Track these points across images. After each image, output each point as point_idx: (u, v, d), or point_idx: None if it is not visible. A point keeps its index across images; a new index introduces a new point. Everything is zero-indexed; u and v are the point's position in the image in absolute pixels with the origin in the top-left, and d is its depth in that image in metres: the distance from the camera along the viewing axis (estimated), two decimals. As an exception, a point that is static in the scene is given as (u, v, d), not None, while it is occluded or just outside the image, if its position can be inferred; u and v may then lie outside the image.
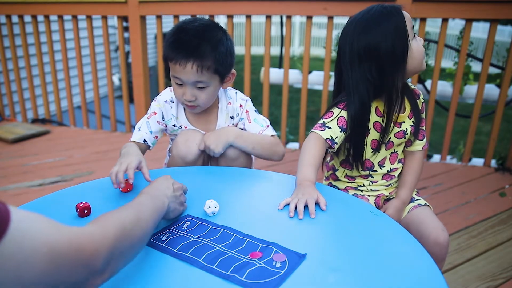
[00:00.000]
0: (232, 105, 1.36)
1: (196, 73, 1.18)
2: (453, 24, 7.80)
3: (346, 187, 1.31)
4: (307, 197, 0.94)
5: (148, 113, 1.35)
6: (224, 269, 0.72)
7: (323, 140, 1.13)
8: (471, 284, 1.53)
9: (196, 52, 1.17)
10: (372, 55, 1.12)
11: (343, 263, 0.75)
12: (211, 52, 1.18)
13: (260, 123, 1.36)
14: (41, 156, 2.80)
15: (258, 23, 9.59)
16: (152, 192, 0.84)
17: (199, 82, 1.21)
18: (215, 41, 1.20)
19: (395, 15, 1.12)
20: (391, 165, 1.28)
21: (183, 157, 1.27)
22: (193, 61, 1.17)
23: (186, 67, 1.18)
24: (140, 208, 0.74)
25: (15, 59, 3.46)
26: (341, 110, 1.17)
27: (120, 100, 3.91)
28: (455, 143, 3.76)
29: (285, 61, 2.86)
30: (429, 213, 1.22)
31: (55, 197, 1.02)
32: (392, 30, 1.10)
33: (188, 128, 1.35)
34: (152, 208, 0.78)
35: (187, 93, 1.23)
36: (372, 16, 1.13)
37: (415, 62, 1.15)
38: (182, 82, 1.22)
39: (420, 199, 1.29)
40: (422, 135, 1.29)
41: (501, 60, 3.10)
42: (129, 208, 0.72)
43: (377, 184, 1.29)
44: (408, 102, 1.25)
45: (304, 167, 1.06)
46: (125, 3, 2.90)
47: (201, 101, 1.25)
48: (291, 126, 4.78)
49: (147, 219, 0.73)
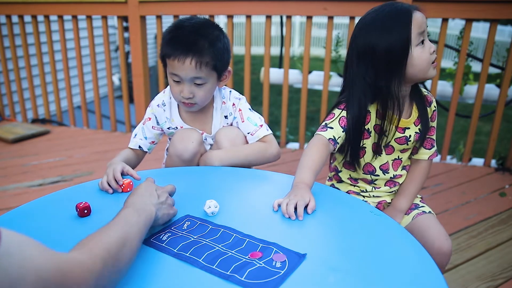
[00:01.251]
0: (225, 104, 1.35)
1: (194, 68, 1.19)
2: (453, 24, 7.81)
3: (348, 190, 1.30)
4: (298, 199, 0.93)
5: (144, 119, 1.37)
6: (224, 269, 0.72)
7: (326, 141, 1.11)
8: (471, 284, 1.53)
9: (194, 48, 1.18)
10: (369, 55, 1.09)
11: (343, 263, 0.75)
12: (209, 48, 1.19)
13: (253, 122, 1.34)
14: (41, 156, 2.80)
15: (258, 23, 9.58)
16: (138, 204, 0.79)
17: (197, 78, 1.21)
18: (212, 38, 1.21)
19: (402, 18, 1.06)
20: (394, 171, 1.25)
21: (179, 155, 1.27)
22: (192, 57, 1.18)
23: (184, 62, 1.18)
24: (127, 228, 0.71)
25: (15, 59, 3.46)
26: (342, 111, 1.16)
27: (120, 100, 3.91)
28: (455, 143, 3.76)
29: (285, 61, 2.86)
30: (433, 220, 1.19)
31: (55, 197, 1.02)
32: (392, 32, 1.06)
33: (184, 128, 1.35)
34: (139, 224, 0.74)
35: (184, 90, 1.22)
36: (379, 14, 1.10)
37: (415, 70, 1.09)
38: (180, 79, 1.22)
39: (424, 206, 1.26)
40: (430, 144, 1.25)
41: (501, 60, 3.11)
42: (115, 229, 0.69)
43: (380, 190, 1.27)
44: (416, 108, 1.20)
45: (302, 170, 1.05)
46: (125, 3, 2.90)
47: (198, 98, 1.25)
48: (291, 126, 4.78)
49: (135, 238, 0.71)
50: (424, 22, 1.09)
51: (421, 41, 1.08)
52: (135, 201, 0.80)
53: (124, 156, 1.29)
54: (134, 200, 0.81)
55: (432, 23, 1.13)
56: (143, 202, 0.81)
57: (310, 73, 3.47)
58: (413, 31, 1.06)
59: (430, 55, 1.09)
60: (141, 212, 0.77)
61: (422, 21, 1.08)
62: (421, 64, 1.09)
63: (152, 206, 0.81)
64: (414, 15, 1.07)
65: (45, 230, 0.87)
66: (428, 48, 1.09)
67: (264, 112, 2.94)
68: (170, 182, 1.14)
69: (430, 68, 1.10)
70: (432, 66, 1.11)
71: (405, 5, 1.09)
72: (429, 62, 1.09)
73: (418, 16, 1.08)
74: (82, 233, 0.83)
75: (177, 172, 1.21)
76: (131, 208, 0.77)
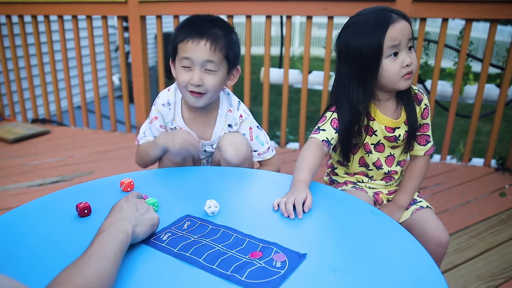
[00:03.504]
0: (232, 113, 1.33)
1: (209, 51, 1.18)
2: (453, 24, 7.80)
3: (345, 181, 1.34)
4: (295, 196, 0.95)
5: (149, 117, 1.35)
6: (224, 269, 0.72)
7: (320, 143, 1.15)
8: (471, 284, 1.53)
9: (209, 32, 1.19)
10: (346, 53, 1.14)
11: (343, 263, 0.75)
12: (223, 36, 1.21)
13: (260, 141, 1.37)
14: (41, 156, 2.80)
15: (258, 23, 9.57)
16: (113, 227, 0.75)
17: (209, 62, 1.19)
18: (227, 29, 1.24)
19: (377, 28, 1.07)
20: (388, 167, 1.28)
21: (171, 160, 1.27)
22: (207, 39, 1.18)
23: (199, 44, 1.18)
24: (104, 262, 0.67)
25: (15, 59, 3.46)
26: (333, 113, 1.20)
27: (120, 100, 3.91)
28: (455, 143, 3.76)
29: (285, 61, 2.86)
30: (431, 214, 1.24)
31: (55, 197, 1.02)
32: (365, 37, 1.08)
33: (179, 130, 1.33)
34: (115, 251, 0.71)
35: (195, 76, 1.19)
36: (361, 17, 1.12)
37: (384, 80, 1.12)
38: (192, 63, 1.19)
39: (422, 201, 1.29)
40: (424, 141, 1.27)
41: (501, 60, 3.10)
42: (92, 266, 0.66)
43: (376, 183, 1.31)
44: (404, 109, 1.21)
45: (299, 170, 1.08)
46: (125, 3, 2.90)
47: (209, 85, 1.21)
48: (291, 126, 4.78)
49: (113, 270, 0.68)
50: (405, 34, 1.08)
51: (394, 53, 1.09)
52: (111, 223, 0.77)
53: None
54: (110, 221, 0.77)
55: (432, 23, 1.12)
56: (120, 223, 0.77)
57: (310, 73, 3.47)
58: (386, 43, 1.07)
59: (402, 68, 1.10)
60: (116, 235, 0.74)
61: (399, 34, 1.08)
62: (389, 76, 1.11)
63: (129, 225, 0.78)
64: (391, 28, 1.07)
65: (45, 230, 0.87)
66: (401, 61, 1.10)
67: (264, 112, 2.95)
68: (170, 182, 1.15)
69: (399, 81, 1.12)
70: (403, 78, 1.12)
71: (387, 15, 1.08)
72: (398, 75, 1.11)
73: (396, 29, 1.07)
74: (82, 233, 0.84)
75: (177, 172, 1.21)
76: (107, 233, 0.73)
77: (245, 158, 1.29)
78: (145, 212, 0.84)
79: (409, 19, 1.11)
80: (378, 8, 1.12)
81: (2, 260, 0.77)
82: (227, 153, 1.26)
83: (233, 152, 1.26)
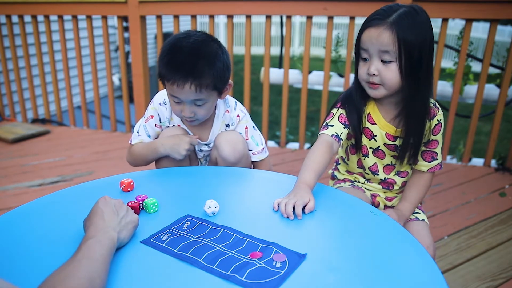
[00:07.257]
0: (230, 113, 1.34)
1: (194, 92, 1.16)
2: (453, 24, 7.81)
3: (344, 178, 1.35)
4: (297, 199, 0.94)
5: (145, 116, 1.35)
6: (224, 269, 0.72)
7: (330, 139, 1.14)
8: (471, 284, 1.53)
9: (193, 72, 1.14)
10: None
11: (343, 263, 0.75)
12: (209, 71, 1.16)
13: (255, 142, 1.37)
14: (41, 156, 2.80)
15: (258, 23, 9.59)
16: (100, 234, 0.75)
17: (197, 100, 1.19)
18: (212, 58, 1.17)
19: (363, 24, 1.09)
20: (385, 175, 1.26)
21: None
22: (191, 81, 1.14)
23: (184, 87, 1.15)
24: (93, 266, 0.67)
25: (15, 59, 3.46)
26: (339, 109, 1.21)
27: (120, 100, 3.92)
28: (455, 143, 3.76)
29: (285, 61, 2.86)
30: (424, 229, 1.20)
31: (55, 197, 1.02)
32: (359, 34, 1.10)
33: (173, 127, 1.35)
34: (104, 256, 0.71)
35: (185, 110, 1.21)
36: (374, 13, 1.10)
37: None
38: (180, 100, 1.20)
39: (420, 213, 1.26)
40: (430, 157, 1.21)
41: (501, 60, 3.10)
42: (80, 267, 0.65)
43: (373, 186, 1.30)
44: (405, 119, 1.15)
45: (304, 171, 1.06)
46: (125, 3, 2.90)
47: (200, 115, 1.24)
48: (291, 126, 4.78)
49: (102, 275, 0.67)
50: (373, 43, 1.05)
51: (363, 57, 1.10)
52: (96, 231, 0.76)
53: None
54: (95, 229, 0.76)
55: (432, 23, 1.11)
56: (104, 231, 0.76)
57: (310, 73, 3.47)
58: (360, 44, 1.09)
59: (366, 75, 1.10)
60: (104, 242, 0.73)
61: (367, 40, 1.06)
62: (359, 77, 1.13)
63: (113, 232, 0.77)
64: (366, 31, 1.07)
65: (44, 231, 0.87)
66: (367, 67, 1.09)
67: (264, 112, 2.95)
68: (169, 182, 1.15)
69: (365, 86, 1.13)
70: (367, 85, 1.12)
71: (375, 17, 1.06)
72: (362, 80, 1.12)
73: (366, 35, 1.06)
74: (81, 233, 0.84)
75: (177, 172, 1.21)
76: (93, 240, 0.73)
77: (242, 156, 1.30)
78: (125, 214, 0.84)
79: (402, 31, 1.02)
80: (387, 6, 1.09)
81: (2, 260, 0.77)
82: (223, 151, 1.27)
83: (230, 150, 1.27)
